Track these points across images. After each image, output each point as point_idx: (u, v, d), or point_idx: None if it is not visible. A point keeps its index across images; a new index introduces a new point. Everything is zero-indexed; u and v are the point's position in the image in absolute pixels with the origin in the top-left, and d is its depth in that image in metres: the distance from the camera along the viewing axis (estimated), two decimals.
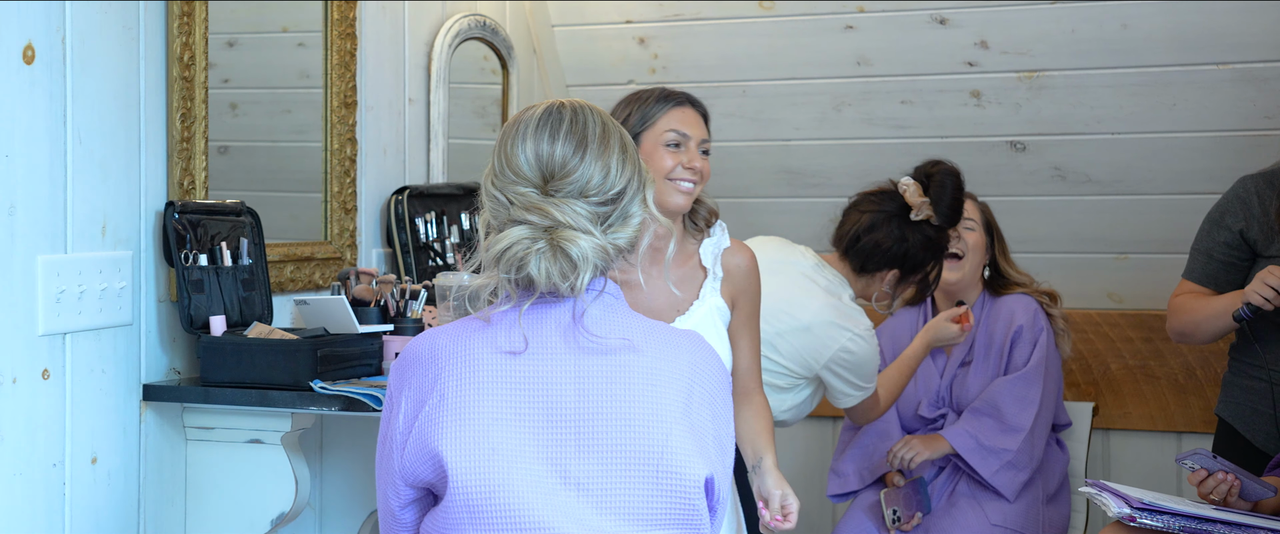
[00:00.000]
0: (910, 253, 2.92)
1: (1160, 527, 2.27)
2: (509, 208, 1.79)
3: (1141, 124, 3.45)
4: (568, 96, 3.85)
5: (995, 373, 3.23)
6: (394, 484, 1.79)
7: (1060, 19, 3.38)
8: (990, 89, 3.52)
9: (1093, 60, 3.40)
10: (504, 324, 1.79)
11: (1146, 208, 3.56)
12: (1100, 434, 3.72)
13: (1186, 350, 3.62)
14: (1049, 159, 3.57)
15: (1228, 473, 2.37)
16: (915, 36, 3.50)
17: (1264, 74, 3.29)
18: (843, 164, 3.75)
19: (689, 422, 1.78)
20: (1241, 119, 3.36)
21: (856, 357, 2.84)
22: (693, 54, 3.73)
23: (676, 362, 1.80)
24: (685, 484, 1.75)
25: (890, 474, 3.25)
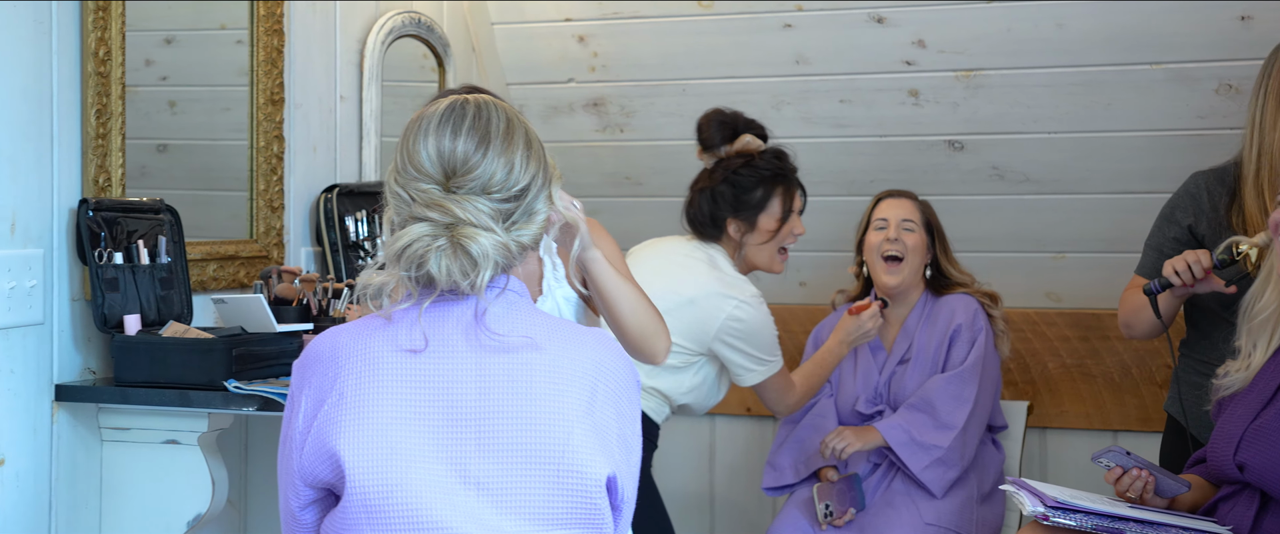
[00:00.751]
0: (723, 194, 3.00)
1: (1074, 525, 2.27)
2: (411, 205, 1.77)
3: (1077, 123, 3.46)
4: (507, 95, 3.86)
5: (933, 371, 3.24)
6: (293, 484, 1.77)
7: (996, 18, 3.38)
8: (928, 88, 3.52)
9: (1029, 60, 3.41)
10: (405, 322, 1.77)
11: (1084, 207, 3.57)
12: (1038, 433, 3.73)
13: (1123, 349, 3.63)
14: (987, 158, 3.58)
15: (1142, 470, 2.37)
16: (853, 35, 3.50)
17: (1196, 74, 3.30)
18: None
19: (592, 420, 1.76)
20: (1175, 118, 3.37)
21: (746, 324, 2.88)
22: (632, 53, 3.72)
23: (580, 360, 1.78)
24: (586, 483, 1.73)
25: (825, 469, 3.24)
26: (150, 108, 2.95)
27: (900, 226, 3.25)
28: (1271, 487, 2.32)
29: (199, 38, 3.16)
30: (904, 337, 3.30)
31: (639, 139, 3.84)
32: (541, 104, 3.88)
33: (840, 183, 3.73)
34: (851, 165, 3.69)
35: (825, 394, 3.35)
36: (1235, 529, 2.33)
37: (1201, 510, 2.45)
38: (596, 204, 3.94)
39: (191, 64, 3.10)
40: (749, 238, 3.04)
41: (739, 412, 3.99)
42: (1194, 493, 2.47)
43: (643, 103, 3.78)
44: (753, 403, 3.96)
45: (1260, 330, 2.48)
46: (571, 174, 3.95)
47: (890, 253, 3.25)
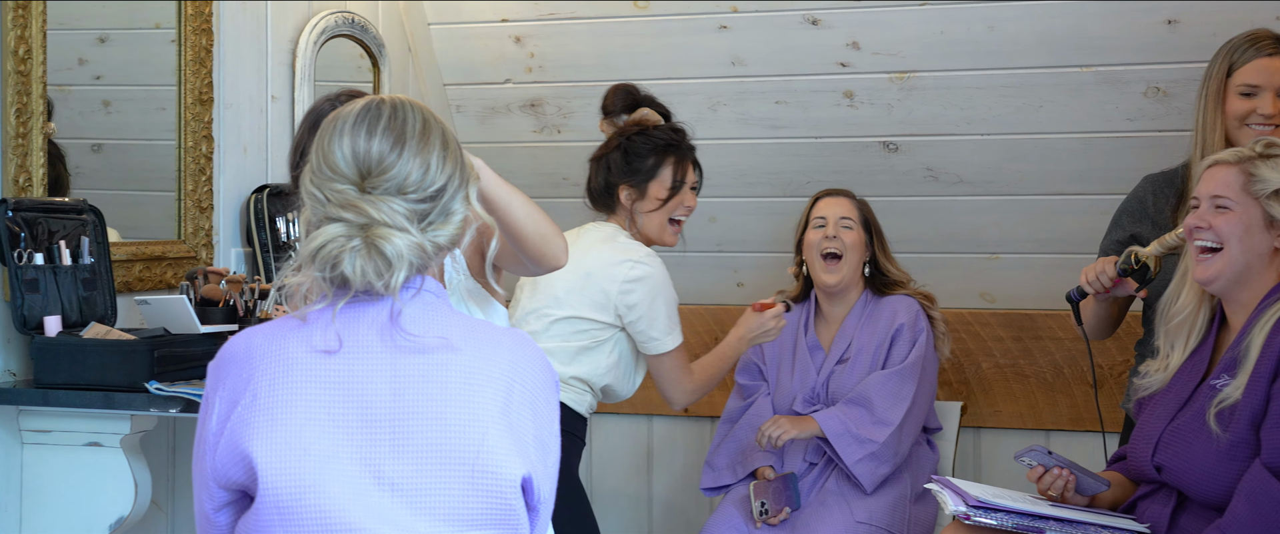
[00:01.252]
0: (615, 161, 3.06)
1: (995, 523, 2.29)
2: (325, 205, 1.77)
3: (1010, 125, 3.49)
4: (444, 95, 3.86)
5: (873, 370, 3.25)
6: (207, 486, 1.76)
7: (929, 20, 3.40)
8: (863, 90, 3.54)
9: (961, 62, 3.43)
10: (319, 323, 1.76)
11: (1017, 208, 3.60)
12: (972, 432, 3.75)
13: (1055, 349, 3.67)
14: (921, 159, 3.60)
15: (1063, 469, 2.40)
16: (788, 37, 3.51)
17: (1124, 77, 3.34)
18: (719, 164, 3.75)
19: (507, 421, 1.76)
20: (1105, 121, 3.41)
21: (647, 281, 2.94)
22: (569, 53, 3.72)
23: (496, 361, 1.78)
24: (501, 484, 1.73)
25: (761, 468, 3.25)
26: (84, 107, 2.92)
27: (839, 224, 3.27)
28: (1187, 487, 2.36)
29: (133, 37, 3.14)
30: (843, 336, 3.32)
31: (576, 140, 3.85)
32: (479, 105, 3.87)
33: (776, 184, 3.75)
34: (788, 166, 3.71)
35: (763, 393, 3.36)
36: (1153, 527, 2.36)
37: (1121, 508, 2.48)
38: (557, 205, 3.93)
39: (125, 63, 3.08)
40: (639, 205, 3.07)
41: (677, 413, 3.99)
42: (1114, 491, 2.50)
43: (580, 103, 3.78)
44: None
45: (1177, 332, 2.51)
46: (509, 175, 3.90)
47: (829, 250, 3.27)
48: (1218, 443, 2.30)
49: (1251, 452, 2.27)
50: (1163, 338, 2.55)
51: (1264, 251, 2.36)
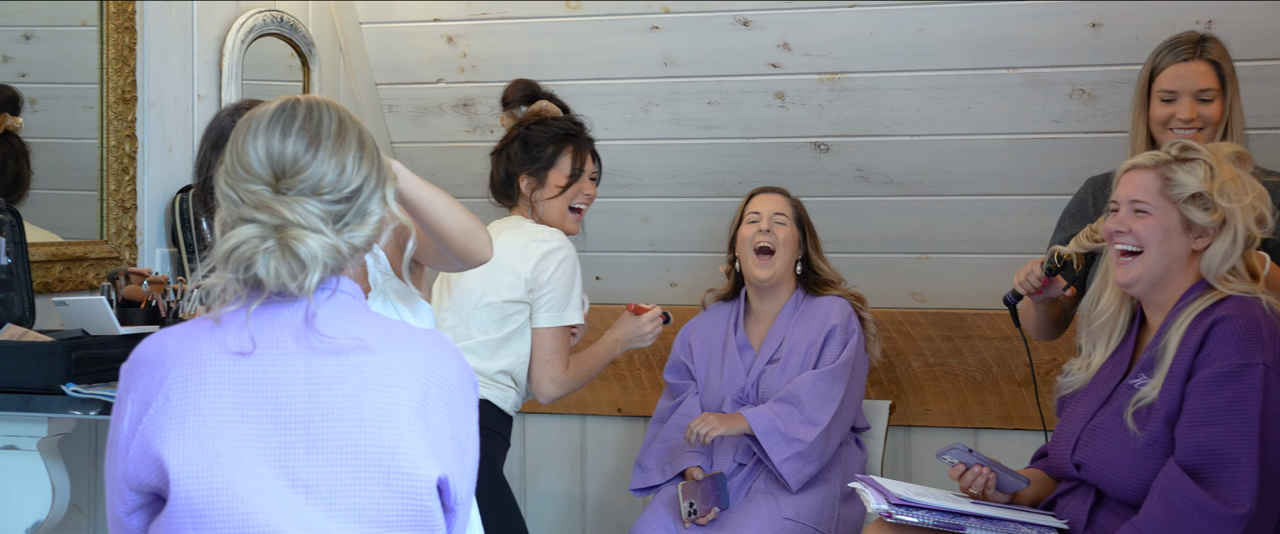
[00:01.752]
0: (514, 151, 3.12)
1: (916, 521, 2.31)
2: (239, 206, 1.76)
3: (939, 126, 3.51)
4: (376, 95, 3.84)
5: (803, 370, 3.26)
6: (119, 489, 1.74)
7: (859, 22, 3.42)
8: (793, 91, 3.56)
9: (891, 63, 3.46)
10: (233, 325, 1.75)
11: (946, 208, 3.63)
12: (902, 431, 3.78)
13: (984, 348, 3.70)
14: (852, 160, 3.62)
15: (984, 467, 2.42)
16: (720, 38, 3.53)
17: (1051, 79, 3.37)
18: (652, 164, 3.76)
19: (424, 422, 1.76)
20: (1032, 122, 3.44)
21: (559, 253, 3.02)
22: (501, 53, 3.71)
23: (413, 361, 1.78)
24: (417, 485, 1.73)
25: (690, 469, 3.26)
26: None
27: (773, 220, 3.29)
28: (1104, 484, 2.39)
29: (59, 34, 3.10)
30: (773, 335, 3.33)
31: None
32: (411, 104, 3.86)
33: (708, 184, 3.76)
34: (720, 167, 3.72)
35: (691, 392, 3.37)
36: (1071, 523, 2.39)
37: (1042, 505, 2.51)
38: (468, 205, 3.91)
39: (51, 61, 3.04)
40: (539, 194, 3.13)
41: (610, 412, 4.00)
42: (1035, 487, 2.53)
43: None
44: (624, 403, 3.98)
45: (1099, 333, 2.54)
46: (442, 175, 3.94)
47: (762, 245, 3.28)
48: (1134, 441, 2.33)
49: (1166, 450, 2.31)
50: (1085, 338, 2.59)
51: (1182, 254, 2.40)
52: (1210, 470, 2.24)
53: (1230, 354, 2.27)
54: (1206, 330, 2.31)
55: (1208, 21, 3.16)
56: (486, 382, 2.99)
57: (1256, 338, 2.28)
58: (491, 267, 2.96)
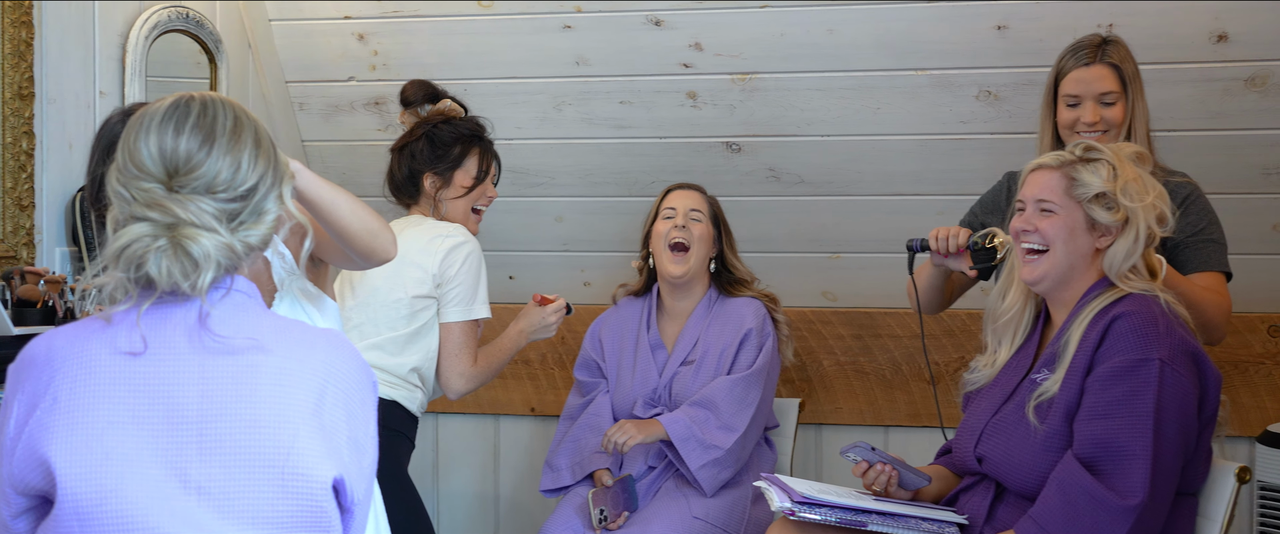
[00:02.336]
0: (420, 150, 3.12)
1: (819, 518, 2.33)
2: (131, 204, 1.73)
3: (849, 127, 3.54)
4: (286, 93, 3.79)
5: (718, 373, 3.25)
6: (4, 493, 1.71)
7: (770, 22, 3.44)
8: (705, 91, 3.57)
9: (801, 64, 3.48)
10: (125, 325, 1.73)
11: (856, 208, 3.66)
12: (813, 429, 3.81)
13: (894, 347, 3.74)
14: (763, 160, 3.64)
15: (886, 464, 2.45)
16: (632, 37, 3.53)
17: (958, 81, 3.41)
18: (565, 164, 3.75)
19: (319, 422, 1.74)
20: (939, 123, 3.48)
21: (465, 246, 3.02)
22: (413, 51, 3.69)
23: (309, 361, 1.76)
24: (312, 486, 1.71)
25: (599, 472, 3.25)
26: None
27: (688, 216, 3.29)
28: (1005, 477, 2.42)
29: None
30: (686, 336, 3.32)
31: None
32: (322, 102, 3.82)
33: (621, 183, 3.76)
34: (632, 166, 3.72)
35: (602, 390, 3.36)
36: (971, 518, 2.42)
37: (944, 501, 2.54)
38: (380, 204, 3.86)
39: None
40: (444, 193, 3.15)
41: (523, 412, 3.99)
42: (938, 484, 2.56)
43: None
44: (537, 403, 3.97)
45: (1005, 330, 2.58)
46: (354, 173, 3.91)
47: (677, 240, 3.28)
48: (1035, 435, 2.37)
49: (1065, 443, 2.35)
50: (991, 335, 2.62)
51: (1086, 252, 2.44)
52: (1105, 462, 2.28)
53: (1128, 350, 2.31)
54: (1106, 327, 2.35)
55: (1109, 25, 3.21)
56: (395, 381, 2.97)
57: (1153, 334, 2.32)
58: (397, 263, 2.95)
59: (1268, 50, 3.19)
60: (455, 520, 4.00)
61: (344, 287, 3.09)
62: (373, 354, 2.95)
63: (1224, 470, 2.44)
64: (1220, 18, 3.19)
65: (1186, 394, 2.32)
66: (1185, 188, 2.80)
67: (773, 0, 3.40)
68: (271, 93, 3.76)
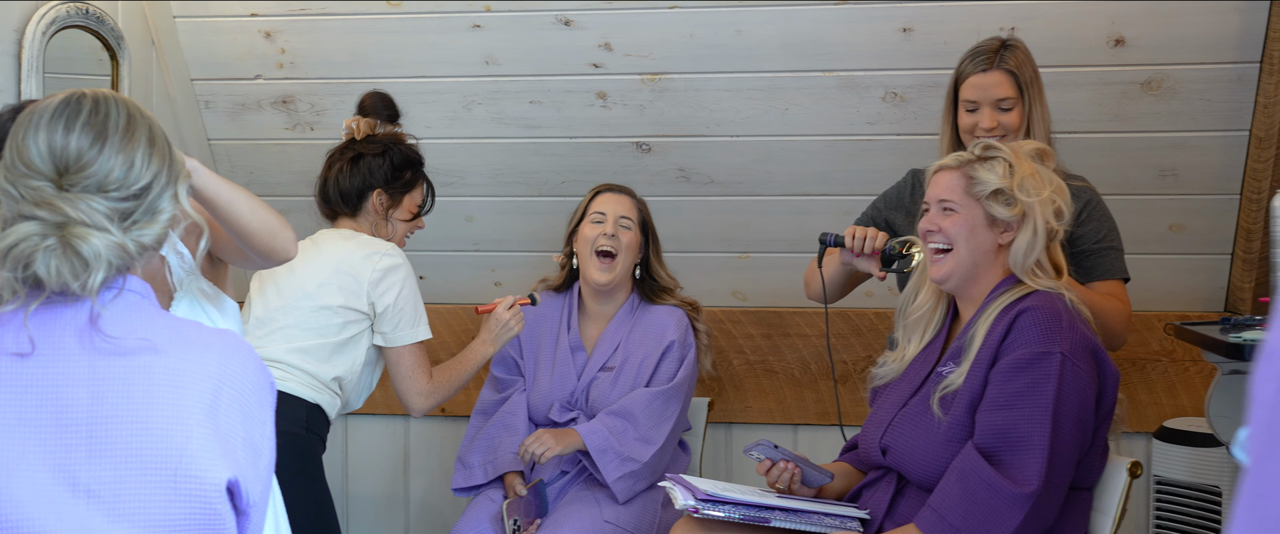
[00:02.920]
0: (378, 165, 3.12)
1: (722, 516, 2.35)
2: (19, 202, 1.70)
3: (758, 127, 3.57)
4: (192, 91, 3.75)
5: (638, 383, 3.24)
6: None
7: (679, 23, 3.46)
8: (615, 91, 3.58)
9: (711, 64, 3.50)
10: (12, 325, 1.69)
11: (765, 208, 3.69)
12: (723, 428, 3.83)
13: (803, 346, 3.77)
14: (673, 160, 3.66)
15: (789, 462, 2.47)
16: (541, 37, 3.53)
17: (865, 82, 3.45)
18: (475, 163, 3.74)
19: (214, 424, 1.72)
20: (846, 124, 3.52)
21: (400, 270, 3.01)
22: (321, 50, 3.66)
23: (203, 362, 1.74)
24: (205, 489, 1.69)
25: (510, 477, 3.24)
26: None
27: (618, 223, 3.27)
28: (908, 469, 2.46)
29: None
30: (607, 340, 3.31)
31: (330, 137, 3.77)
32: (228, 101, 3.77)
33: (531, 183, 3.76)
34: (543, 166, 3.72)
35: (519, 389, 3.34)
36: (872, 512, 2.46)
37: (846, 497, 2.57)
38: (288, 204, 3.86)
39: None
40: (392, 213, 3.15)
41: (434, 413, 3.97)
42: (840, 481, 2.59)
43: (333, 101, 3.73)
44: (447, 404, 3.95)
45: (914, 328, 2.62)
46: (261, 173, 3.87)
47: (605, 249, 3.26)
48: (939, 427, 2.41)
49: (967, 434, 2.39)
50: (901, 332, 2.66)
51: (989, 249, 2.48)
52: (1004, 452, 2.32)
53: (1031, 343, 2.36)
54: (1012, 321, 2.40)
55: (1011, 28, 3.27)
56: (320, 386, 2.97)
57: (1057, 329, 2.37)
58: (331, 270, 2.96)
59: (1163, 55, 3.27)
60: (365, 523, 3.97)
61: (267, 286, 3.06)
62: (299, 358, 2.94)
63: (1117, 465, 2.49)
64: (1117, 22, 3.25)
65: (1085, 389, 2.37)
66: (1085, 193, 2.86)
67: (681, 1, 3.41)
68: (176, 91, 3.71)
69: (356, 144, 3.16)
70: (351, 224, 3.14)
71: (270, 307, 3.00)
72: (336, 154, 3.17)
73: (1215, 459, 3.22)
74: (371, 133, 3.18)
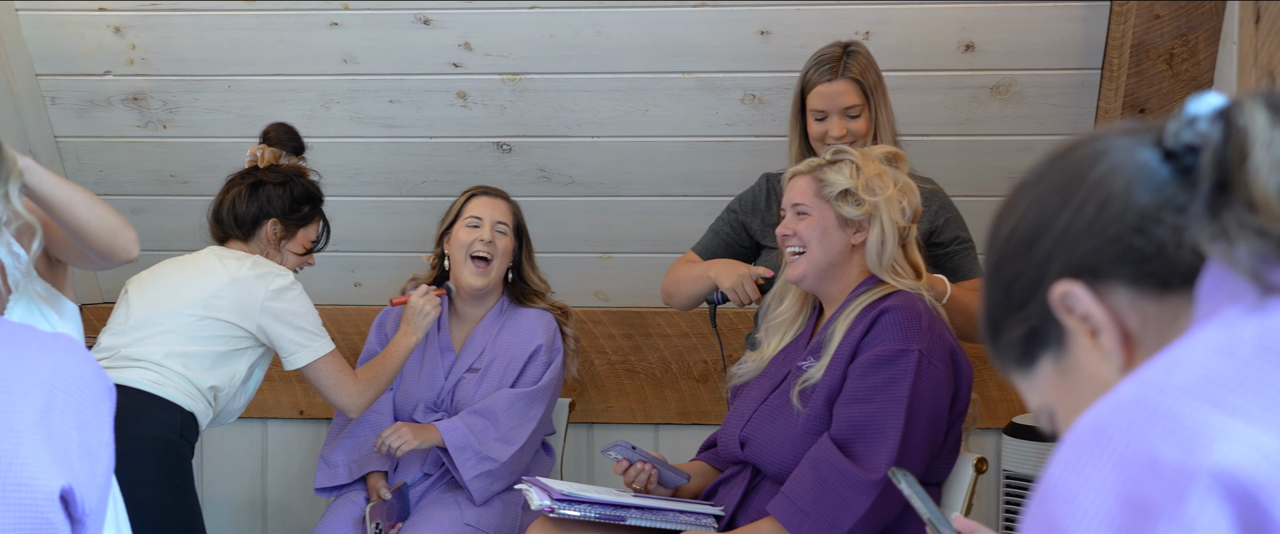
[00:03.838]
0: (278, 195, 3.12)
1: (579, 515, 2.36)
2: None
3: (619, 128, 3.58)
4: (37, 86, 3.64)
5: (503, 384, 3.23)
6: None
7: (539, 23, 3.45)
8: (475, 90, 3.56)
9: (571, 65, 3.50)
10: None
11: (626, 209, 3.70)
12: (583, 428, 3.84)
13: (664, 345, 3.79)
14: (534, 160, 3.65)
15: (646, 463, 2.49)
16: (401, 36, 3.50)
17: (724, 84, 3.48)
18: (333, 163, 3.69)
19: (47, 430, 1.67)
20: (706, 126, 3.55)
21: (294, 290, 2.99)
22: (174, 46, 3.58)
23: (36, 366, 1.69)
24: (36, 497, 1.64)
25: (373, 480, 3.21)
26: None
27: (494, 228, 3.26)
28: (765, 461, 2.50)
29: None
30: (475, 342, 3.29)
31: (183, 136, 3.71)
32: (76, 97, 3.67)
33: (391, 183, 3.72)
34: (402, 166, 3.69)
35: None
36: (726, 506, 2.49)
37: (702, 495, 2.60)
38: (140, 203, 3.78)
39: None
40: (285, 245, 3.15)
41: (292, 415, 3.91)
42: (696, 481, 2.62)
43: (186, 98, 3.65)
44: (305, 405, 3.90)
45: (776, 329, 2.67)
46: (112, 171, 3.77)
47: (480, 254, 3.24)
48: (798, 419, 2.46)
49: (824, 427, 2.44)
50: (764, 332, 2.70)
51: (842, 249, 2.54)
52: (858, 444, 2.38)
53: (890, 340, 2.42)
54: (873, 319, 2.45)
55: (866, 32, 3.33)
56: (196, 394, 2.92)
57: (916, 328, 2.43)
58: (225, 282, 2.94)
59: (1011, 60, 3.35)
60: (222, 528, 3.90)
61: (148, 288, 3.01)
62: (178, 362, 2.90)
63: (965, 461, 2.56)
64: (967, 28, 3.33)
65: (941, 386, 2.43)
66: (939, 196, 2.93)
67: (541, 1, 3.41)
68: (19, 86, 3.60)
69: (258, 172, 3.15)
70: (242, 247, 3.11)
71: (153, 310, 2.95)
72: (237, 178, 3.16)
73: None
74: (275, 163, 3.18)
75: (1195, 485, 0.81)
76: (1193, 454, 0.82)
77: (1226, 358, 0.87)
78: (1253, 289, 0.91)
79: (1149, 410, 0.85)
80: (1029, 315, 1.02)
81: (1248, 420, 0.83)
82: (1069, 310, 0.99)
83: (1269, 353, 0.87)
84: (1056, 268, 0.99)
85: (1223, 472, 0.81)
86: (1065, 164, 1.02)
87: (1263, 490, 0.80)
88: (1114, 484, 0.84)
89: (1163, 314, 0.98)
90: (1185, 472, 0.81)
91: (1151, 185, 0.97)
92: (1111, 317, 0.98)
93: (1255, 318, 0.89)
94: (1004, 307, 1.04)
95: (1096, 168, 0.99)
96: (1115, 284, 0.98)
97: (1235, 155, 0.94)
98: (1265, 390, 0.84)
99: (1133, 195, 0.97)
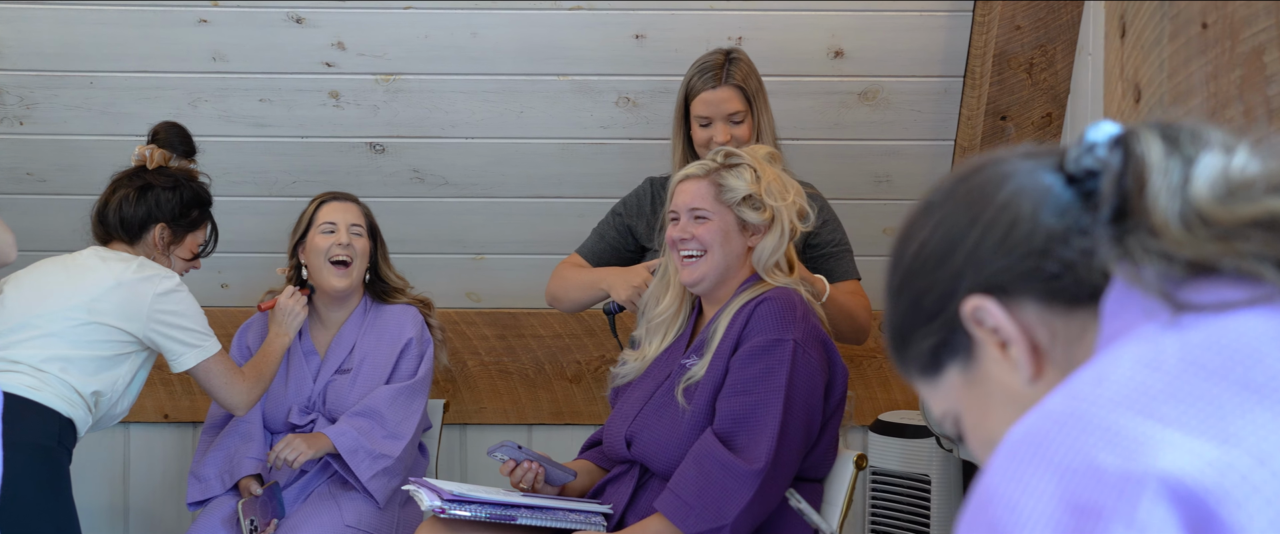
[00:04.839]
0: (167, 199, 3.09)
1: (469, 515, 2.36)
2: None
3: (493, 129, 3.58)
4: None
5: (377, 382, 3.23)
6: None
7: (414, 23, 3.44)
8: (348, 90, 3.53)
9: (446, 66, 3.50)
10: None
11: (501, 210, 3.71)
12: (457, 429, 3.84)
13: (537, 346, 3.81)
14: (408, 161, 3.64)
15: (533, 462, 2.51)
16: (272, 34, 3.45)
17: (598, 86, 3.51)
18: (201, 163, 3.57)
19: None
20: (580, 128, 3.57)
21: (177, 298, 2.95)
22: (32, 40, 3.47)
23: None
24: None
25: (245, 481, 3.18)
26: None
27: (349, 231, 3.26)
28: (652, 458, 2.54)
29: None
30: (341, 343, 3.29)
31: (41, 133, 3.60)
32: None
33: (260, 183, 3.67)
34: (272, 165, 3.64)
35: None
36: (615, 506, 2.52)
37: (590, 493, 2.62)
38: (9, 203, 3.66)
39: None
40: (173, 250, 3.12)
41: (156, 419, 3.83)
42: (583, 479, 2.65)
43: (45, 94, 3.54)
44: (170, 410, 3.82)
45: (657, 329, 2.71)
46: None
47: (339, 257, 3.24)
48: (683, 416, 2.50)
49: (709, 422, 2.49)
50: (645, 332, 2.73)
51: (740, 252, 2.60)
52: (739, 436, 2.44)
53: (767, 331, 2.48)
54: (751, 312, 2.50)
55: (738, 37, 3.39)
56: (76, 400, 2.85)
57: (791, 318, 2.50)
58: (110, 285, 2.88)
59: (878, 67, 3.45)
60: None
61: (25, 289, 2.92)
62: (58, 366, 2.84)
63: (845, 458, 2.63)
64: (837, 35, 3.42)
65: (815, 375, 2.50)
66: (818, 199, 3.01)
67: (416, 1, 3.40)
68: None
69: (147, 174, 3.09)
70: (127, 250, 3.05)
71: (32, 311, 2.86)
72: (124, 179, 3.09)
73: (925, 449, 3.43)
74: (165, 165, 3.12)
75: (1145, 489, 0.84)
76: (1135, 461, 0.85)
77: (1153, 371, 0.91)
78: (1165, 307, 0.95)
79: (1083, 421, 0.89)
80: (938, 328, 1.06)
81: (1185, 431, 0.86)
82: (980, 324, 1.04)
83: (1194, 366, 0.90)
84: (967, 284, 1.04)
85: (1171, 477, 0.84)
86: (971, 185, 1.07)
87: (1210, 495, 0.83)
88: (1055, 489, 0.86)
89: (1071, 328, 1.03)
90: (1132, 477, 0.84)
91: (1057, 209, 1.02)
92: (1021, 330, 1.03)
93: (1174, 333, 0.93)
94: (912, 319, 1.08)
95: (1002, 190, 1.04)
96: (1025, 299, 1.03)
97: (1134, 183, 0.99)
98: (1196, 402, 0.88)
99: (1040, 218, 1.02)
